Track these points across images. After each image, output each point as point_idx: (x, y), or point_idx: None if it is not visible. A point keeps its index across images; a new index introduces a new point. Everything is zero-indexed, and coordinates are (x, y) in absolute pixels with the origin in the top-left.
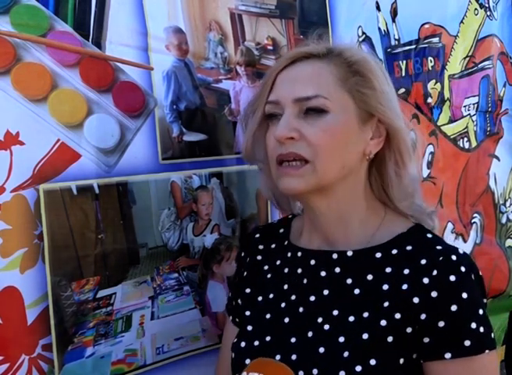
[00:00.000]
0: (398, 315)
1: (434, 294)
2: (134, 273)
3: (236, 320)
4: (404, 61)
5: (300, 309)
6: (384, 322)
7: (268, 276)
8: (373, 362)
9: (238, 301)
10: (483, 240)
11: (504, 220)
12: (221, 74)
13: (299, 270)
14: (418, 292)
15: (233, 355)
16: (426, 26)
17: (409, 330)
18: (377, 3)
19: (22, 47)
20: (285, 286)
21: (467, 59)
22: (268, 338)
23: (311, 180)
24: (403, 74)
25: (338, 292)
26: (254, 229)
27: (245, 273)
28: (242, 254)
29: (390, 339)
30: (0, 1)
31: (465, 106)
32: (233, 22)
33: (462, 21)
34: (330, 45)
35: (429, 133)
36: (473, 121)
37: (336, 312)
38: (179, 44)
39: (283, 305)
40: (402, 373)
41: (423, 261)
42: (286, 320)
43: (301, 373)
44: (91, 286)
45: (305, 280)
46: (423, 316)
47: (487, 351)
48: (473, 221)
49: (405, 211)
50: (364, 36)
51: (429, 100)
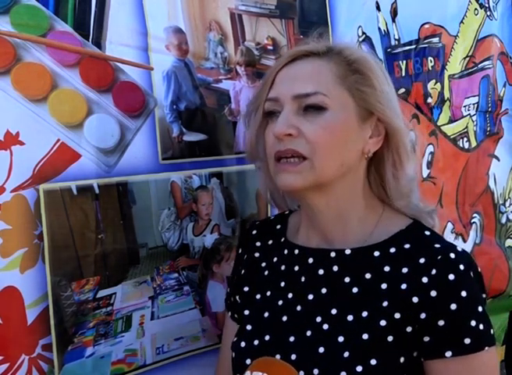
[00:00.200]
0: (398, 314)
1: (433, 293)
2: (134, 273)
3: (235, 316)
4: (404, 61)
5: (298, 308)
6: (384, 322)
7: (266, 273)
8: (373, 362)
9: (236, 297)
10: (483, 240)
11: (504, 220)
12: (221, 74)
13: (296, 268)
14: (418, 292)
15: (234, 355)
16: (426, 26)
17: (409, 330)
18: (377, 3)
19: (22, 47)
20: (282, 283)
21: (467, 59)
22: (268, 337)
23: (309, 177)
24: (403, 74)
25: (336, 291)
26: (251, 225)
27: (243, 271)
28: (239, 251)
29: (390, 339)
30: (0, 1)
31: (465, 106)
32: (233, 22)
33: (462, 21)
34: (330, 44)
35: (429, 133)
36: (473, 121)
37: (335, 311)
38: (179, 44)
39: (280, 303)
40: (402, 372)
41: (422, 260)
42: (284, 319)
43: (302, 373)
44: (91, 286)
45: (303, 278)
46: (423, 316)
47: (487, 348)
48: (473, 221)
49: (402, 210)
50: (364, 36)
51: (429, 100)
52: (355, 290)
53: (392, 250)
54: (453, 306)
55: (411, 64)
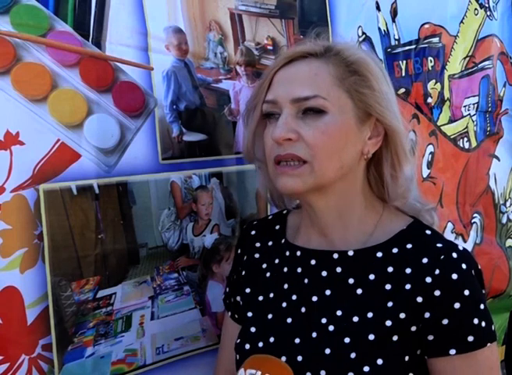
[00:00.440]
0: (403, 314)
1: (437, 293)
2: (134, 273)
3: (236, 316)
4: (404, 61)
5: (302, 309)
6: (389, 322)
7: (267, 275)
8: (380, 362)
9: (237, 298)
10: (483, 240)
11: (504, 220)
12: (221, 74)
13: (299, 270)
14: (422, 291)
15: (238, 357)
16: (426, 26)
17: (413, 329)
18: (377, 3)
19: (22, 47)
20: (285, 285)
21: (467, 59)
22: (272, 339)
23: (309, 181)
24: (403, 74)
25: (340, 292)
26: (249, 225)
27: (243, 272)
28: (238, 251)
29: (395, 338)
30: (0, 1)
31: (465, 106)
32: (233, 22)
33: (462, 21)
34: (328, 44)
35: (429, 133)
36: (473, 121)
37: (340, 313)
38: (178, 44)
39: (284, 305)
40: (407, 371)
41: (424, 260)
42: (289, 321)
43: None
44: (91, 286)
45: (306, 280)
46: (427, 315)
47: (489, 344)
48: (473, 221)
49: (406, 212)
50: (364, 36)
51: (429, 100)
52: (359, 291)
53: (394, 250)
54: (457, 305)
55: (411, 64)
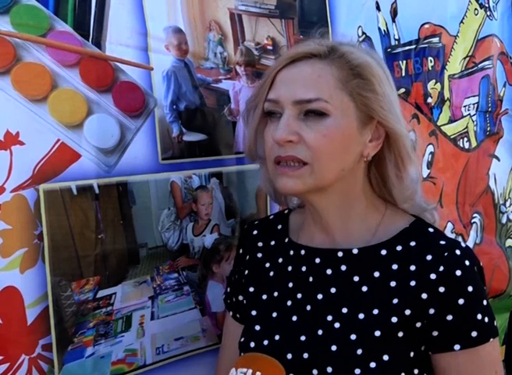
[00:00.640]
0: (408, 311)
1: (441, 289)
2: (134, 273)
3: (237, 316)
4: (404, 61)
5: (308, 307)
6: (395, 319)
7: (271, 274)
8: (386, 358)
9: (239, 297)
10: (483, 240)
11: (504, 220)
12: (220, 74)
13: (303, 268)
14: (426, 288)
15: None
16: (426, 26)
17: (418, 325)
18: (377, 3)
19: (22, 47)
20: (289, 284)
21: (467, 59)
22: (277, 337)
23: (309, 182)
24: (403, 74)
25: (345, 290)
26: (250, 225)
27: (246, 272)
28: (240, 251)
29: (401, 334)
30: (0, 1)
31: (465, 106)
32: (233, 22)
33: (462, 21)
34: (332, 45)
35: (429, 133)
36: (473, 121)
37: (346, 310)
38: (178, 44)
39: (289, 304)
40: (412, 366)
41: (428, 257)
42: (294, 319)
43: (315, 372)
44: (91, 286)
45: (311, 278)
46: (431, 311)
47: (491, 339)
48: (473, 221)
49: (408, 211)
50: (364, 36)
51: (429, 100)
52: (364, 288)
53: (398, 248)
54: (461, 301)
55: (411, 64)
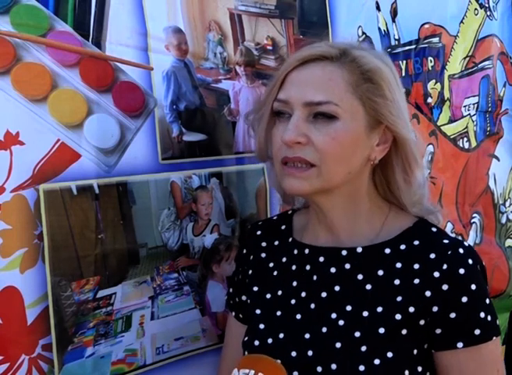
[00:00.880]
0: (412, 308)
1: (445, 287)
2: (134, 273)
3: (240, 316)
4: (404, 61)
5: (312, 306)
6: (399, 316)
7: (275, 273)
8: (390, 355)
9: (242, 297)
10: (483, 240)
11: (504, 220)
12: (220, 74)
13: (307, 267)
14: (430, 286)
15: (246, 354)
16: (426, 26)
17: (422, 323)
18: (377, 3)
19: (22, 47)
20: (294, 283)
21: (467, 59)
22: (282, 335)
23: (316, 184)
24: (403, 74)
25: (349, 288)
26: (254, 226)
27: (250, 271)
28: (244, 251)
29: (404, 332)
30: (0, 1)
31: (465, 106)
32: (233, 22)
33: (462, 21)
34: (344, 48)
35: (429, 133)
36: (473, 121)
37: (350, 308)
38: (178, 44)
39: (293, 302)
40: (416, 364)
41: (432, 255)
42: (298, 317)
43: (319, 369)
44: (91, 286)
45: (315, 277)
46: (435, 309)
47: (494, 337)
48: (472, 221)
49: (417, 214)
50: (364, 36)
51: (429, 100)
52: (368, 287)
53: (402, 247)
54: (464, 299)
55: (411, 64)
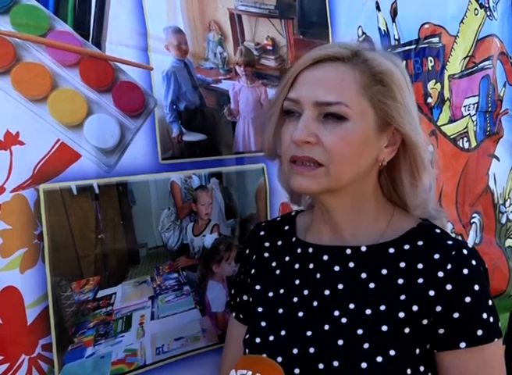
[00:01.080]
0: (415, 307)
1: (449, 287)
2: (134, 273)
3: (240, 316)
4: (404, 61)
5: (314, 303)
6: (402, 314)
7: (277, 272)
8: (392, 353)
9: (243, 297)
10: (483, 240)
11: (504, 220)
12: (220, 74)
13: (311, 265)
14: (434, 285)
15: (248, 352)
16: (426, 26)
17: (425, 322)
18: (377, 3)
19: (22, 47)
20: (296, 281)
21: (467, 59)
22: (283, 333)
23: (324, 183)
24: None
25: (353, 286)
26: (257, 226)
27: (253, 271)
28: (246, 251)
29: (407, 330)
30: (0, 1)
31: (465, 106)
32: (233, 22)
33: (462, 21)
34: (356, 49)
35: (429, 133)
36: (473, 121)
37: (353, 306)
38: (178, 44)
39: (296, 300)
40: (418, 363)
41: (436, 255)
42: (301, 314)
43: (321, 366)
44: (91, 286)
45: (318, 275)
46: (438, 308)
47: (496, 339)
48: (472, 221)
49: (420, 216)
50: (364, 36)
51: (429, 100)
52: (372, 285)
53: (406, 247)
54: (468, 299)
55: (411, 64)
